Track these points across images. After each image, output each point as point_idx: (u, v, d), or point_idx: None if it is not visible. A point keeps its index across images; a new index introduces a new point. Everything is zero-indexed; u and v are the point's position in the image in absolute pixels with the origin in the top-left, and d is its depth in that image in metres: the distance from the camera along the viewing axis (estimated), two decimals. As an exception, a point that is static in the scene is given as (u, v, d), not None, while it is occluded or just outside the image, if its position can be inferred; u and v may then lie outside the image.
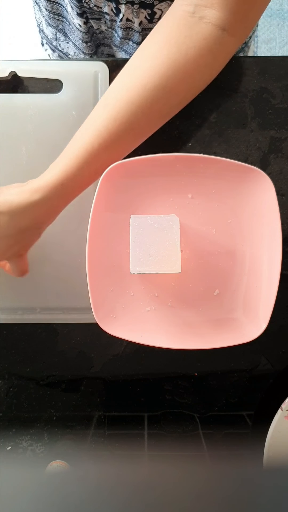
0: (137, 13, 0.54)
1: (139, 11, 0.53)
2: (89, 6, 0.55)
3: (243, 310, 0.41)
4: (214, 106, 0.49)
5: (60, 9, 0.60)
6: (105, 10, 0.55)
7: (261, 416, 0.50)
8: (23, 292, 0.49)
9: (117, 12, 0.54)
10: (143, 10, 0.53)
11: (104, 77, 0.48)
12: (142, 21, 0.55)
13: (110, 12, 0.55)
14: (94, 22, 0.59)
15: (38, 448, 0.50)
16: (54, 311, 0.49)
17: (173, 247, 0.39)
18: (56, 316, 0.49)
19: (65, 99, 0.48)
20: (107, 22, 0.58)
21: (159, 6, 0.53)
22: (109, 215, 0.41)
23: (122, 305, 0.42)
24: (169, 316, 0.42)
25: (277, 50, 1.47)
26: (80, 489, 0.14)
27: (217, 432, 0.50)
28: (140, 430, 0.50)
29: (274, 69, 0.49)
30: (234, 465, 0.15)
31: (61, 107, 0.48)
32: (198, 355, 0.50)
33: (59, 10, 0.61)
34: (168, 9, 0.53)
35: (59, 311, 0.49)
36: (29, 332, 0.50)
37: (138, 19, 0.55)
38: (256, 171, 0.38)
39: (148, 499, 0.14)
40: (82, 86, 0.48)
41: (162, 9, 0.54)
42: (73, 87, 0.48)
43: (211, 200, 0.42)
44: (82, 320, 0.49)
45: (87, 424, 0.50)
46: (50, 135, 0.47)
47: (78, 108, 0.48)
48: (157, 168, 0.40)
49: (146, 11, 0.53)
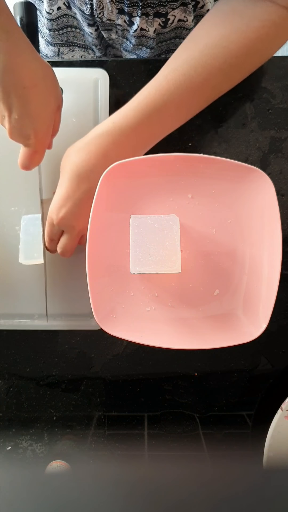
0: (151, 23, 0.54)
1: (153, 21, 0.53)
2: (101, 20, 0.55)
3: (243, 310, 0.41)
4: (214, 106, 0.49)
5: (66, 20, 0.60)
6: (118, 22, 0.55)
7: (261, 416, 0.49)
8: (20, 299, 0.49)
9: (130, 24, 0.54)
10: (157, 18, 0.53)
11: (104, 84, 0.48)
12: (156, 28, 0.55)
13: (123, 23, 0.55)
14: (105, 32, 0.59)
15: (38, 448, 0.50)
16: (52, 318, 0.49)
17: (173, 247, 0.39)
18: (54, 323, 0.49)
19: (65, 105, 0.48)
20: (118, 31, 0.58)
21: (173, 13, 0.54)
22: (109, 215, 0.41)
23: (122, 305, 0.42)
24: (169, 316, 0.42)
25: (277, 50, 1.47)
26: (80, 489, 0.14)
27: (217, 432, 0.50)
28: (140, 430, 0.50)
29: (274, 69, 0.49)
30: (234, 465, 0.15)
31: (61, 113, 0.48)
32: (198, 355, 0.50)
33: (65, 22, 0.60)
34: (181, 13, 0.54)
35: (57, 317, 0.49)
36: (29, 332, 0.50)
37: (153, 28, 0.55)
38: (256, 171, 0.38)
39: (148, 499, 0.14)
40: (82, 92, 0.48)
41: (175, 14, 0.54)
42: (73, 94, 0.48)
43: (211, 200, 0.42)
44: (80, 327, 0.49)
45: (87, 424, 0.50)
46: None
47: (78, 114, 0.48)
48: (157, 168, 0.40)
49: (160, 19, 0.54)
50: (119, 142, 0.40)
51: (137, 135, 0.41)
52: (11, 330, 0.50)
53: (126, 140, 0.40)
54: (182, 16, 0.55)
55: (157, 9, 0.52)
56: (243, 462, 0.15)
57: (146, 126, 0.41)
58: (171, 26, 0.56)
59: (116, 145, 0.40)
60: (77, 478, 0.15)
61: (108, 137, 0.40)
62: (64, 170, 0.41)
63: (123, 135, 0.40)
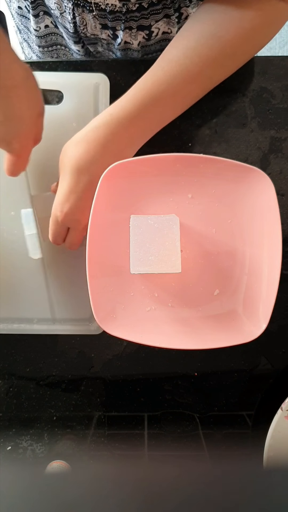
0: (135, 36, 0.54)
1: (137, 34, 0.53)
2: (85, 35, 0.55)
3: (243, 310, 0.41)
4: (214, 106, 0.49)
5: (55, 38, 0.60)
6: (102, 36, 0.55)
7: (261, 416, 0.49)
8: (20, 303, 0.49)
9: (114, 37, 0.54)
10: (140, 31, 0.53)
11: (104, 88, 0.48)
12: (141, 41, 0.55)
13: (107, 37, 0.55)
14: (91, 46, 0.59)
15: (38, 448, 0.50)
16: (51, 322, 0.49)
17: (173, 247, 0.39)
18: (53, 327, 0.49)
19: (65, 110, 0.48)
20: (103, 45, 0.58)
21: (156, 25, 0.53)
22: (109, 215, 0.41)
23: (122, 305, 0.42)
24: (169, 316, 0.42)
25: (277, 50, 1.47)
26: (80, 489, 0.14)
27: (217, 432, 0.50)
28: (140, 430, 0.50)
29: (274, 69, 0.49)
30: (234, 465, 0.15)
31: (61, 118, 0.48)
32: (198, 355, 0.50)
33: (54, 40, 0.60)
34: (164, 26, 0.54)
35: (56, 322, 0.49)
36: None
37: (137, 40, 0.55)
38: (256, 171, 0.38)
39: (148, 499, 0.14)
40: (82, 97, 0.48)
41: (159, 27, 0.54)
42: (73, 99, 0.48)
43: (211, 200, 0.42)
44: (79, 332, 0.49)
45: (87, 424, 0.50)
46: (50, 145, 0.47)
47: (78, 119, 0.48)
48: (157, 168, 0.40)
49: (144, 32, 0.54)
50: (117, 133, 0.40)
51: (135, 126, 0.41)
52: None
53: (124, 131, 0.40)
54: (166, 28, 0.55)
55: (140, 22, 0.52)
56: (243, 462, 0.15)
57: (144, 116, 0.41)
58: (156, 39, 0.56)
59: (114, 135, 0.40)
60: (77, 478, 0.15)
61: (106, 129, 0.40)
62: (64, 166, 0.41)
63: (120, 126, 0.40)
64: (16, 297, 0.49)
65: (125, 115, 0.40)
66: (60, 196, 0.41)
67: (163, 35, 0.56)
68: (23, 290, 0.49)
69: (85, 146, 0.40)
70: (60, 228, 0.42)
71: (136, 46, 0.56)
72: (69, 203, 0.40)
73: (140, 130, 0.42)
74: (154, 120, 0.42)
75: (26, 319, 0.49)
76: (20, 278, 0.49)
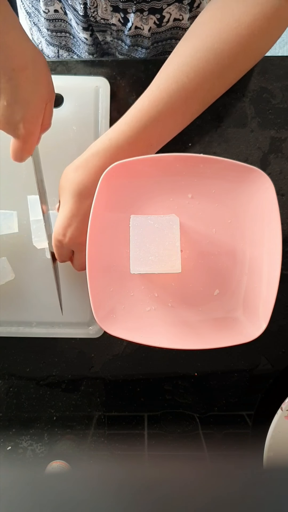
0: (146, 20, 0.53)
1: (148, 18, 0.53)
2: (95, 20, 0.55)
3: (243, 310, 0.41)
4: (214, 106, 0.49)
5: (63, 25, 0.60)
6: (112, 21, 0.54)
7: (261, 416, 0.49)
8: (19, 306, 0.49)
9: (125, 22, 0.54)
10: (152, 16, 0.53)
11: (105, 92, 0.48)
12: (151, 27, 0.55)
13: (117, 22, 0.54)
14: (100, 34, 0.58)
15: (38, 448, 0.50)
16: (50, 325, 0.49)
17: (173, 247, 0.39)
18: (52, 330, 0.49)
19: (66, 113, 0.48)
20: (113, 33, 0.57)
21: (168, 10, 0.53)
22: (109, 215, 0.41)
23: (122, 305, 0.42)
24: (169, 316, 0.42)
25: (277, 50, 1.47)
26: (80, 489, 0.14)
27: (217, 432, 0.50)
28: (140, 430, 0.50)
29: (274, 69, 0.49)
30: (234, 465, 0.15)
31: (61, 121, 0.48)
32: (198, 355, 0.50)
33: (63, 26, 0.60)
34: (176, 11, 0.53)
35: (55, 325, 0.49)
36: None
37: (147, 25, 0.54)
38: (256, 171, 0.38)
39: (148, 499, 0.14)
40: (83, 100, 0.48)
41: (170, 12, 0.53)
42: (74, 102, 0.48)
43: (211, 200, 0.42)
44: (78, 335, 0.49)
45: (87, 424, 0.50)
46: (50, 149, 0.47)
47: (78, 122, 0.48)
48: (157, 168, 0.40)
49: (155, 16, 0.53)
50: (116, 157, 0.40)
51: (135, 148, 0.41)
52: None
53: (123, 154, 0.40)
54: (178, 14, 0.54)
55: (151, 4, 0.51)
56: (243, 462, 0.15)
57: (142, 138, 0.41)
58: (167, 26, 0.55)
59: (114, 160, 0.40)
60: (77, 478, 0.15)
61: (105, 154, 0.40)
62: (64, 190, 0.41)
63: (120, 150, 0.40)
64: (15, 300, 0.49)
65: (125, 139, 0.40)
66: (63, 220, 0.41)
67: (174, 22, 0.55)
68: (22, 293, 0.49)
69: (86, 172, 0.40)
70: (65, 251, 0.43)
71: (147, 32, 0.55)
72: (72, 228, 0.41)
73: (140, 151, 0.42)
74: (154, 140, 0.42)
75: (25, 322, 0.49)
76: (19, 281, 0.49)
